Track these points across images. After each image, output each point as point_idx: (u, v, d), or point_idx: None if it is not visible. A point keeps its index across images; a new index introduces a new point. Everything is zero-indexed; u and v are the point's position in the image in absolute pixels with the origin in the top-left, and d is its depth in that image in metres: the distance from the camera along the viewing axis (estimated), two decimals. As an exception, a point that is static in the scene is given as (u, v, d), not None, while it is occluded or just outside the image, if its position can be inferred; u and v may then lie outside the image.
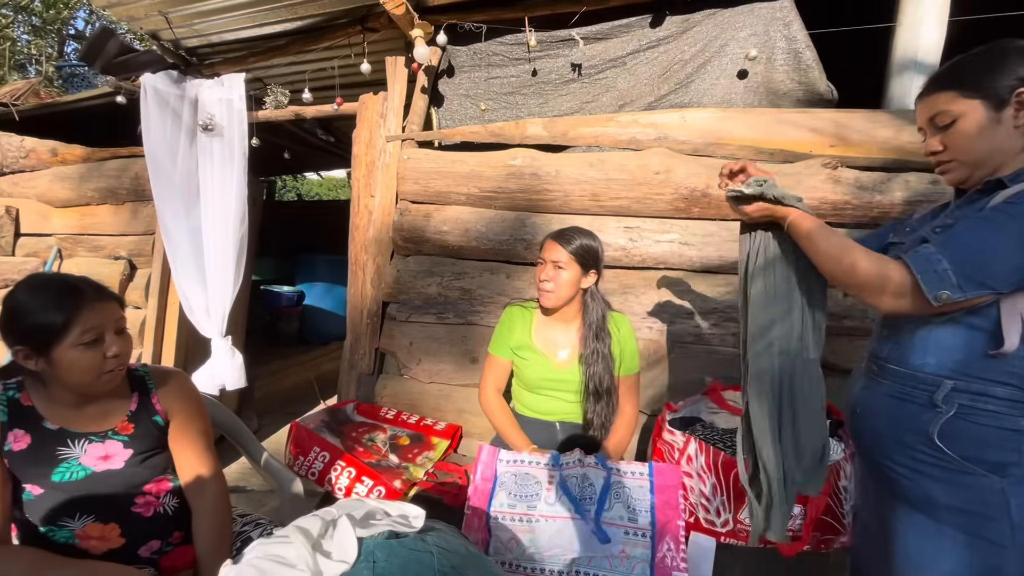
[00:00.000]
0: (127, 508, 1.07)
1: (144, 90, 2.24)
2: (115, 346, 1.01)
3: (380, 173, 2.11)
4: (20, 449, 0.98)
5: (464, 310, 1.97)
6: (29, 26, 9.93)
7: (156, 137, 2.29)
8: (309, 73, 2.33)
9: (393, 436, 1.85)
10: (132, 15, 2.04)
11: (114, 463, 1.05)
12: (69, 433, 1.02)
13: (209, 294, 2.39)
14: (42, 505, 1.00)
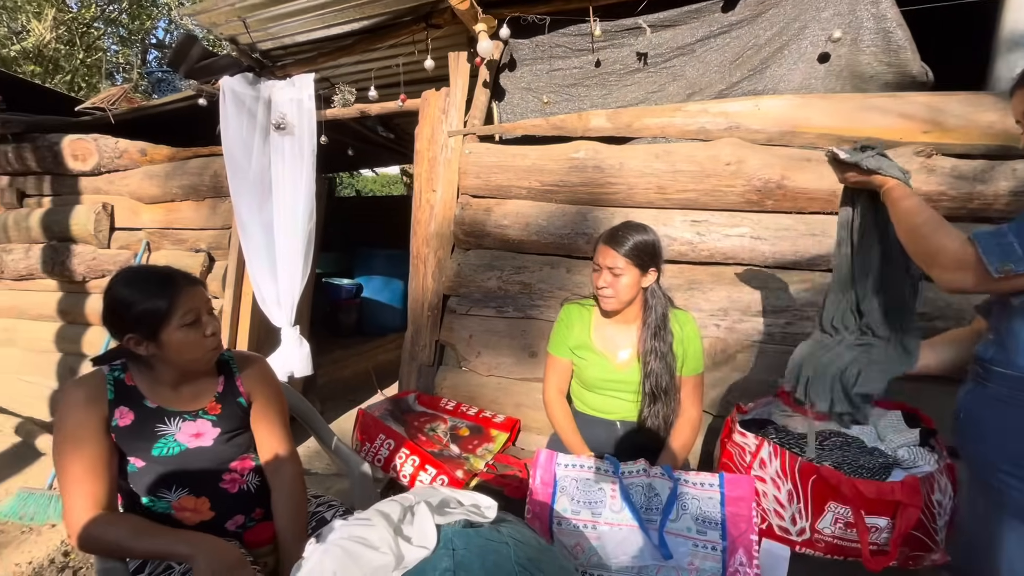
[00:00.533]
0: (216, 483, 1.14)
1: (223, 92, 2.38)
2: (211, 325, 1.10)
3: (442, 168, 2.14)
4: (125, 425, 1.06)
5: (524, 304, 1.97)
6: (117, 37, 10.75)
7: (233, 136, 2.42)
8: (375, 71, 2.40)
9: (453, 427, 1.88)
10: (214, 21, 2.17)
11: (204, 440, 1.13)
12: (166, 411, 1.10)
13: (280, 285, 2.51)
14: (143, 477, 1.09)
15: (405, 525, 0.78)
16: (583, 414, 1.55)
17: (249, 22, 2.15)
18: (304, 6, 2.02)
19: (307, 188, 2.41)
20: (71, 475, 1.01)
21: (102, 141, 2.85)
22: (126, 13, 10.12)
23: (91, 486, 1.01)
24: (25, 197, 3.19)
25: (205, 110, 2.49)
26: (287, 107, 2.37)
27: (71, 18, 8.79)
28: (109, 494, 1.04)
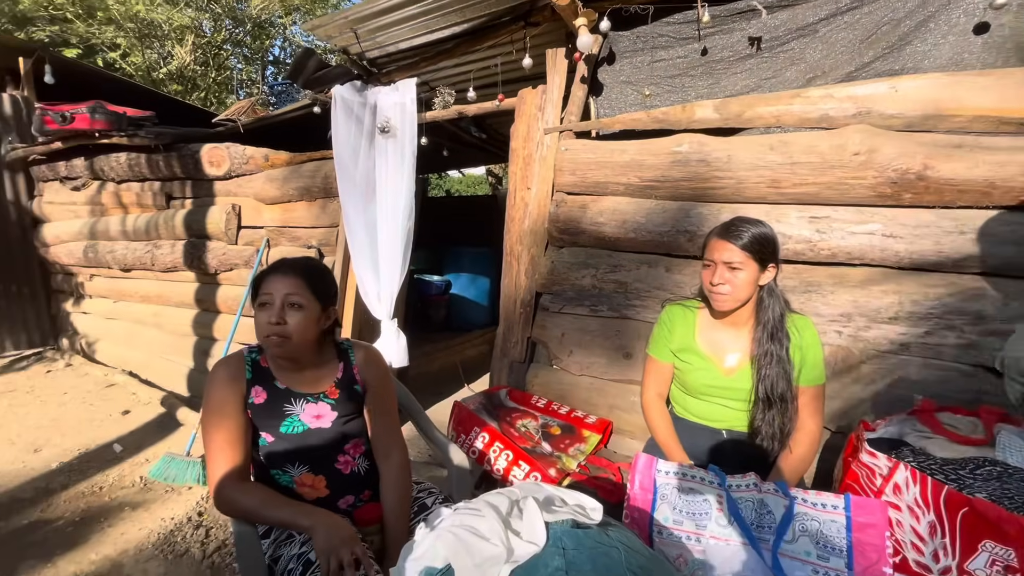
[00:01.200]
0: (332, 464, 1.22)
1: (334, 100, 2.56)
2: (275, 315, 1.14)
3: (537, 165, 2.15)
4: (259, 403, 1.18)
5: (619, 303, 1.92)
6: (242, 56, 11.99)
7: (342, 141, 2.60)
8: (473, 73, 2.46)
9: (545, 425, 1.87)
10: (330, 34, 2.34)
11: (324, 422, 1.21)
12: (293, 393, 1.20)
13: (381, 280, 2.66)
14: (272, 451, 1.19)
15: (514, 519, 0.78)
16: (684, 420, 1.48)
17: (359, 32, 2.29)
18: (409, 13, 2.11)
19: (407, 188, 2.52)
20: (214, 444, 1.14)
21: (233, 149, 3.18)
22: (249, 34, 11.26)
23: (230, 455, 1.13)
24: (172, 199, 3.65)
25: (319, 117, 2.69)
26: (391, 111, 2.50)
27: (206, 42, 9.94)
28: (245, 463, 1.16)
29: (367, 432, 1.29)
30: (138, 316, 4.02)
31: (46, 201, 4.41)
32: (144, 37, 8.73)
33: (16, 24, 7.83)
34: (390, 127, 2.48)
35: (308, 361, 1.23)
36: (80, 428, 3.16)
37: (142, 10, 8.08)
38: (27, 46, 4.34)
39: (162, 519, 2.26)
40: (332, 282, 1.29)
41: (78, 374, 4.14)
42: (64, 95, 4.03)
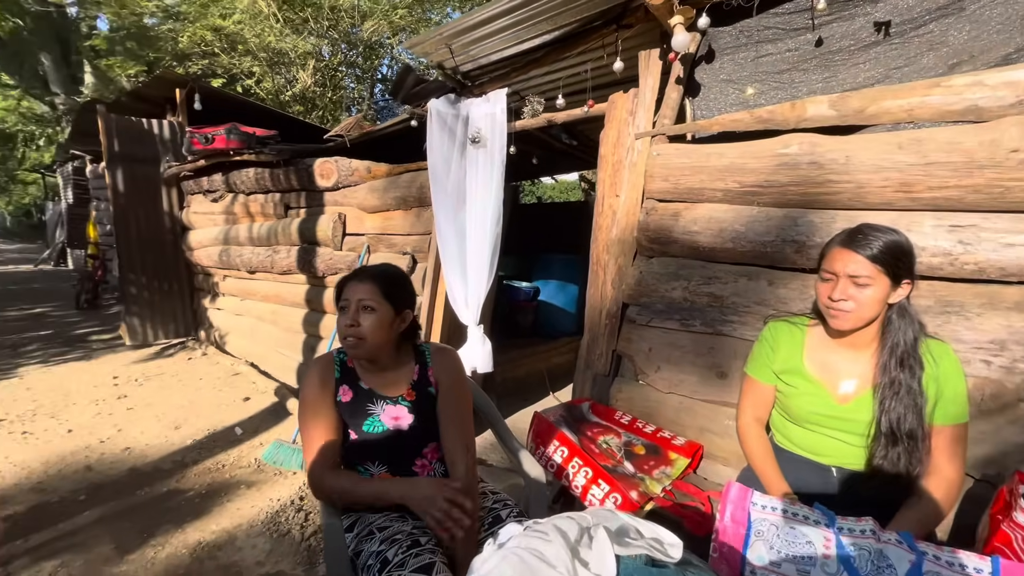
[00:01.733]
0: (409, 466, 1.26)
1: (429, 113, 2.67)
2: (350, 317, 1.21)
3: (627, 172, 2.07)
4: (346, 400, 1.24)
5: (713, 318, 1.78)
6: (354, 76, 13.03)
7: (436, 152, 2.70)
8: (563, 80, 2.44)
9: (628, 443, 1.79)
10: (426, 51, 2.44)
11: (402, 424, 1.25)
12: (375, 394, 1.26)
13: (468, 286, 2.72)
14: (355, 448, 1.26)
15: (582, 547, 0.74)
16: (786, 451, 1.33)
17: (454, 47, 2.37)
18: (501, 25, 2.14)
19: (496, 196, 2.56)
20: (309, 435, 1.22)
21: (340, 162, 3.45)
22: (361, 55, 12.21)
23: (323, 445, 1.21)
24: (289, 209, 4.04)
25: (416, 130, 2.82)
26: (482, 122, 2.56)
27: (324, 65, 10.95)
28: (336, 453, 1.23)
29: None
30: (259, 313, 4.49)
31: (192, 211, 5.09)
32: (274, 64, 9.81)
33: (177, 60, 9.17)
34: (480, 137, 2.53)
35: (386, 363, 1.28)
36: (210, 410, 3.58)
37: (273, 41, 9.08)
38: (182, 79, 5.06)
39: (270, 499, 2.48)
40: (405, 287, 1.34)
41: (211, 362, 4.71)
42: (208, 119, 4.64)
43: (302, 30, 9.74)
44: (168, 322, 5.35)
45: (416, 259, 3.11)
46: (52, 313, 6.98)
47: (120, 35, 9.43)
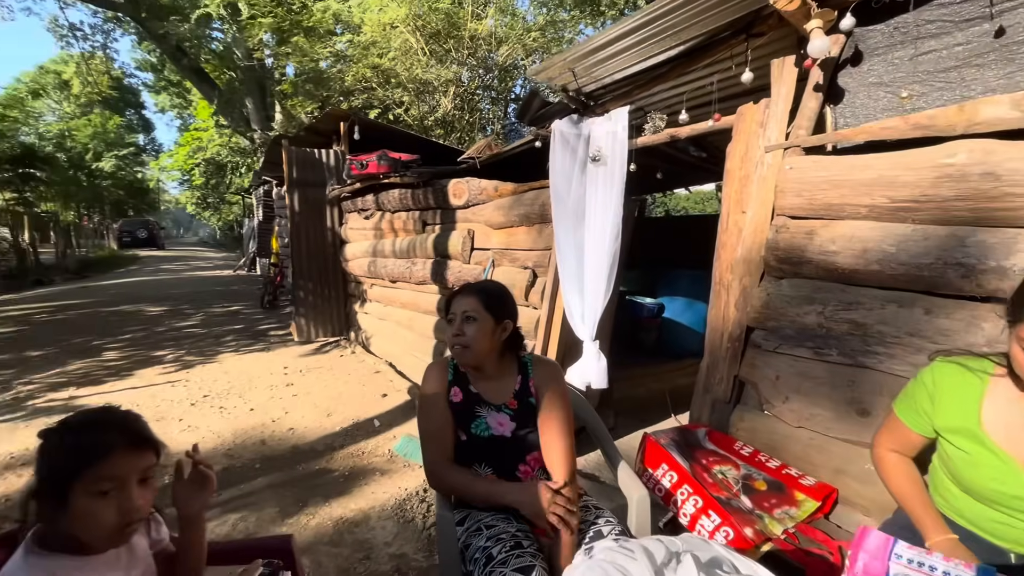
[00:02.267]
0: (513, 470, 1.34)
1: (553, 134, 2.78)
2: (456, 327, 1.36)
3: (755, 187, 1.96)
4: (456, 401, 1.37)
5: (854, 348, 1.60)
6: (489, 98, 13.84)
7: (558, 170, 2.80)
8: (687, 94, 2.38)
9: (747, 476, 1.67)
10: (551, 76, 2.56)
11: (505, 431, 1.34)
12: (481, 399, 1.37)
13: (585, 302, 2.75)
14: (464, 448, 1.37)
15: (668, 570, 0.74)
16: (951, 523, 1.11)
17: (577, 70, 2.45)
18: (624, 45, 2.17)
19: (615, 212, 2.57)
20: (426, 432, 1.37)
21: (471, 182, 3.72)
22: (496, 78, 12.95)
23: (439, 441, 1.35)
24: (426, 225, 4.45)
25: (540, 150, 2.95)
26: (603, 140, 2.59)
27: (463, 91, 11.83)
28: (450, 448, 1.36)
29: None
30: (398, 319, 4.99)
31: (348, 227, 5.85)
32: (420, 93, 10.85)
33: (343, 96, 10.61)
34: (601, 155, 2.57)
35: (491, 371, 1.38)
36: (355, 403, 4.07)
37: (420, 73, 10.07)
38: (345, 114, 5.86)
39: (399, 488, 2.75)
40: (505, 300, 1.43)
41: (358, 360, 5.34)
42: (364, 147, 5.31)
43: (445, 60, 10.65)
44: (327, 323, 6.19)
45: (536, 273, 3.23)
46: (243, 311, 8.46)
47: (301, 79, 11.19)
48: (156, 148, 34.69)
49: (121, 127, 30.34)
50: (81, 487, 0.79)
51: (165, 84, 23.30)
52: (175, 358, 5.39)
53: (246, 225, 17.49)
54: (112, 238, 26.65)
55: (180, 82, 21.26)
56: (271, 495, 2.71)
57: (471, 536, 1.30)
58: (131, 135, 31.95)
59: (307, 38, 10.33)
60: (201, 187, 24.62)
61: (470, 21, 10.22)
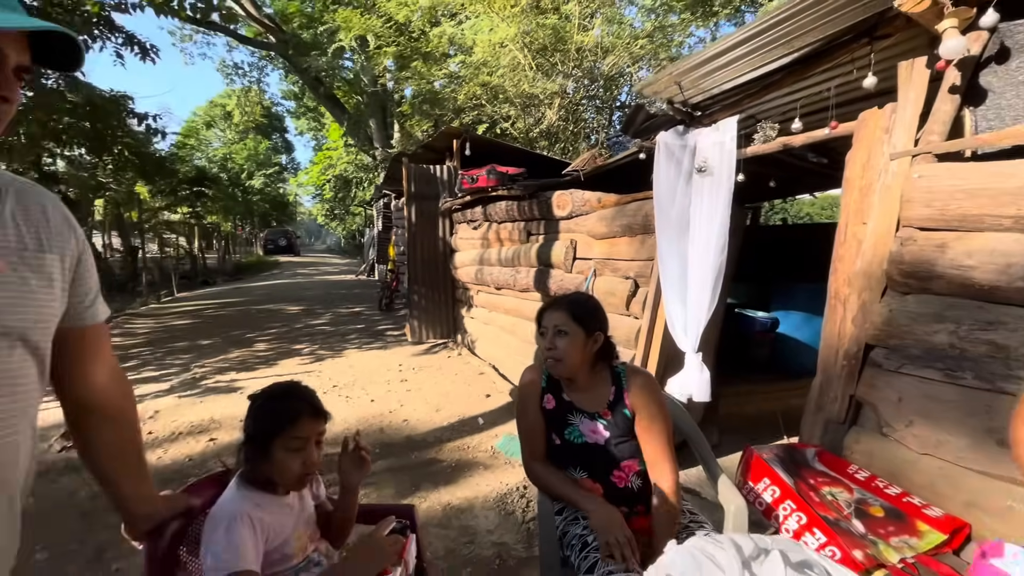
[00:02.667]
0: (607, 476, 1.42)
1: (657, 146, 2.81)
2: (548, 341, 1.42)
3: (877, 197, 1.85)
4: (549, 408, 1.48)
5: (993, 372, 1.46)
6: (593, 107, 13.86)
7: (662, 182, 2.82)
8: (801, 100, 2.30)
9: (861, 500, 1.59)
10: (656, 90, 2.61)
11: (598, 439, 1.42)
12: (575, 407, 1.46)
13: (688, 313, 2.74)
14: (558, 451, 1.48)
15: (755, 563, 0.80)
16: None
17: (683, 83, 2.47)
18: (732, 57, 2.17)
19: (721, 223, 2.54)
20: (522, 432, 1.51)
21: (575, 194, 3.85)
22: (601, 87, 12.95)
23: (534, 441, 1.47)
24: (530, 235, 4.65)
25: (643, 162, 2.99)
26: (709, 151, 2.58)
27: (568, 101, 12.01)
28: (542, 447, 1.48)
29: (641, 453, 1.42)
30: (502, 324, 5.24)
31: (458, 237, 6.26)
32: (526, 107, 11.22)
33: (454, 114, 11.31)
34: (707, 166, 2.56)
35: (583, 381, 1.46)
36: (461, 401, 4.36)
37: (527, 87, 10.43)
38: (457, 131, 6.30)
39: (500, 482, 2.93)
40: (595, 312, 1.48)
41: (463, 362, 5.68)
42: (475, 162, 5.67)
43: (551, 73, 10.92)
44: (436, 325, 6.65)
45: (638, 284, 3.26)
46: (364, 312, 9.34)
47: (418, 100, 12.13)
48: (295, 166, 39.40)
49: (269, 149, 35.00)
50: (280, 443, 1.04)
51: (304, 110, 26.42)
52: (310, 351, 6.14)
53: (367, 234, 19.19)
54: (259, 245, 30.75)
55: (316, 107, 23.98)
56: (389, 477, 3.03)
57: (568, 524, 1.41)
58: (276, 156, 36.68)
59: (424, 63, 11.18)
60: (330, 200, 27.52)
61: (576, 34, 10.39)
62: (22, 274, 0.75)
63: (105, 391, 0.97)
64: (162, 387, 4.69)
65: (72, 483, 2.93)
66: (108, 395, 0.97)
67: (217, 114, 32.70)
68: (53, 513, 2.66)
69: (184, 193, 16.08)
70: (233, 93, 27.90)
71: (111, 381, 0.98)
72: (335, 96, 16.26)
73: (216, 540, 0.97)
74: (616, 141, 4.40)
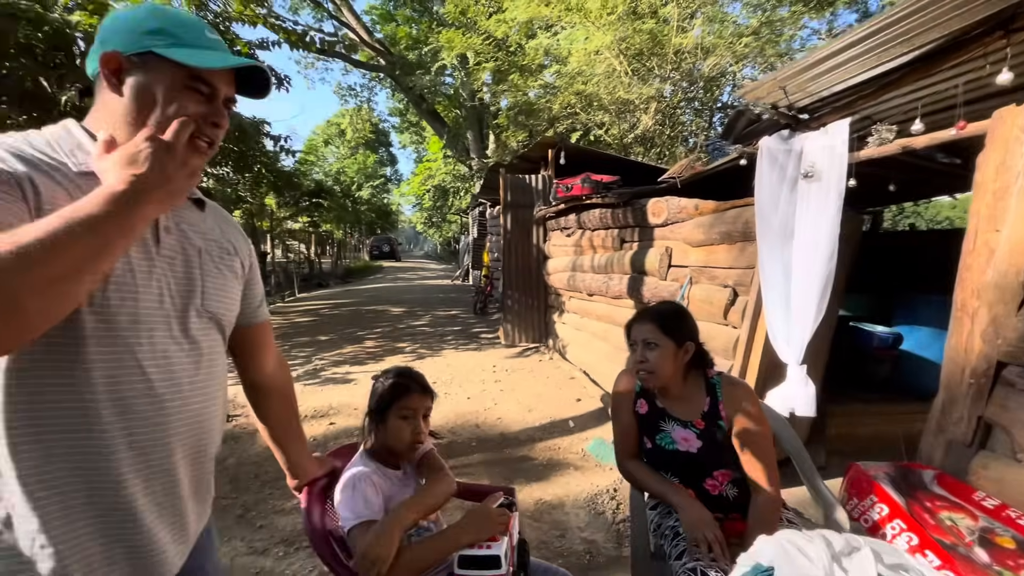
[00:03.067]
0: (700, 482, 1.46)
1: (760, 151, 2.74)
2: (638, 354, 1.46)
3: (1014, 201, 1.70)
4: (642, 413, 1.55)
5: None
6: (692, 110, 13.38)
7: (764, 188, 2.74)
8: (924, 99, 2.15)
9: (987, 529, 1.47)
10: (758, 96, 2.56)
11: (691, 447, 1.46)
12: (667, 414, 1.51)
13: (791, 323, 2.64)
14: (651, 455, 1.54)
15: (844, 558, 0.83)
16: None
17: (788, 88, 2.41)
18: (842, 59, 2.09)
19: (829, 231, 2.43)
20: (616, 432, 1.59)
21: (671, 201, 3.83)
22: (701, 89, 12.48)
23: (627, 441, 1.55)
24: (624, 243, 4.68)
25: (743, 168, 2.93)
26: (817, 156, 2.48)
27: (665, 105, 11.73)
28: (634, 447, 1.55)
29: (736, 462, 1.43)
30: (594, 330, 5.29)
31: (551, 244, 6.41)
32: (621, 113, 11.15)
33: (549, 124, 11.53)
34: (814, 171, 2.46)
35: (676, 391, 1.49)
36: (552, 403, 4.49)
37: (622, 93, 10.37)
38: (552, 141, 6.47)
39: (591, 483, 3.01)
40: (684, 322, 1.47)
41: (554, 366, 5.80)
42: (569, 171, 5.80)
43: (647, 77, 10.76)
44: (529, 330, 6.85)
45: (737, 292, 3.18)
46: (460, 315, 9.82)
47: (513, 112, 12.53)
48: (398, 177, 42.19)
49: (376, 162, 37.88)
50: (394, 411, 1.24)
51: (407, 125, 28.27)
52: (412, 350, 6.62)
53: (462, 241, 20.05)
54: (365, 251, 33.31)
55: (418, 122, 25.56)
56: (484, 470, 3.23)
57: (662, 517, 1.48)
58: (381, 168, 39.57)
59: (520, 75, 11.54)
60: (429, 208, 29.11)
61: (674, 36, 10.14)
62: (222, 270, 0.93)
63: (273, 375, 1.19)
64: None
65: (225, 450, 3.48)
66: (275, 378, 1.20)
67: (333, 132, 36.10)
68: (212, 474, 3.18)
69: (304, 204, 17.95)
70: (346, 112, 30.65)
71: (277, 367, 1.20)
72: (436, 111, 17.27)
73: (346, 496, 1.18)
74: (714, 146, 4.30)
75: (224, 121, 0.84)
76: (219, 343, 0.94)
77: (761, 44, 10.56)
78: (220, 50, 0.84)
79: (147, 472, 0.79)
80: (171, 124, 0.73)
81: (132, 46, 0.77)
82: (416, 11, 17.92)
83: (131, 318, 0.76)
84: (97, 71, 0.78)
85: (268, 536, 2.52)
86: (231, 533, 2.57)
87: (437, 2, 16.38)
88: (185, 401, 0.84)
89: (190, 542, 0.90)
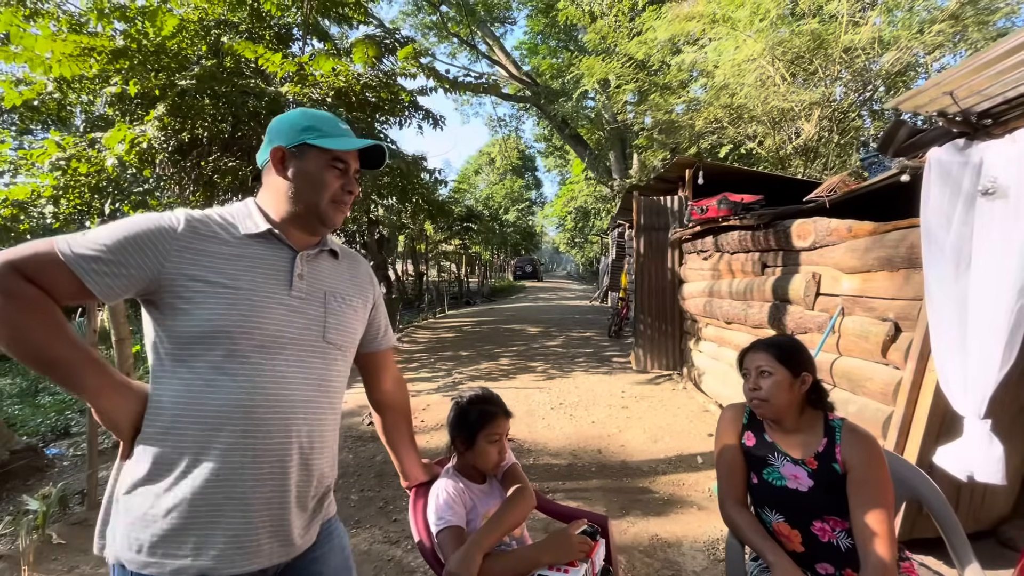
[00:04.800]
0: (807, 525, 1.34)
1: (928, 164, 2.37)
2: (752, 382, 1.41)
3: None
4: (749, 445, 1.47)
5: None
6: (870, 112, 11.68)
7: (933, 206, 2.35)
8: None
9: None
10: (918, 104, 2.23)
11: (800, 486, 1.35)
12: (777, 448, 1.41)
13: (969, 369, 2.20)
14: (757, 490, 1.45)
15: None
16: None
17: (958, 92, 2.07)
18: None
19: (1019, 258, 2.00)
20: (720, 470, 1.52)
21: (819, 223, 3.45)
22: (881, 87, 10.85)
23: (731, 480, 1.48)
24: (765, 267, 4.30)
25: (905, 185, 2.55)
26: (1001, 168, 2.07)
27: (833, 110, 10.44)
28: (739, 488, 1.47)
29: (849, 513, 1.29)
30: (731, 361, 4.91)
31: (687, 267, 6.13)
32: (776, 123, 10.21)
33: (691, 141, 11.05)
34: (996, 187, 2.06)
35: (790, 425, 1.39)
36: (680, 436, 4.27)
37: (778, 102, 9.52)
38: (691, 160, 6.22)
39: (714, 527, 2.82)
40: (799, 353, 1.42)
41: (687, 397, 5.49)
42: (707, 190, 5.53)
43: (809, 82, 9.73)
44: (662, 356, 6.59)
45: (899, 327, 2.74)
46: (594, 337, 9.79)
47: (654, 131, 12.26)
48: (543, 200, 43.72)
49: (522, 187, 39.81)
50: (482, 437, 1.37)
51: (552, 149, 29.29)
52: (543, 370, 6.81)
53: (601, 262, 19.96)
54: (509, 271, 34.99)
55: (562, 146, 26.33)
56: (601, 496, 3.22)
57: (762, 571, 1.38)
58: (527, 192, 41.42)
59: (661, 94, 11.29)
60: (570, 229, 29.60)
61: (843, 33, 9.03)
62: (344, 309, 1.13)
63: (391, 393, 1.40)
64: (432, 386, 5.89)
65: (373, 449, 3.99)
66: (392, 396, 1.41)
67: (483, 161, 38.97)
68: (361, 469, 3.67)
69: (457, 228, 19.62)
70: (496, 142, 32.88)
71: (394, 386, 1.41)
72: (578, 135, 17.66)
73: (435, 503, 1.34)
74: (871, 161, 3.79)
75: (356, 188, 1.10)
76: (338, 371, 1.11)
77: (961, 28, 8.87)
78: (350, 136, 1.11)
79: (257, 473, 0.96)
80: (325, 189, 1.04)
81: (292, 141, 1.04)
82: (561, 42, 18.67)
83: (262, 343, 0.97)
84: (266, 161, 1.07)
85: (400, 529, 2.85)
86: (372, 522, 2.95)
87: (582, 31, 16.88)
88: (297, 418, 1.00)
89: (292, 544, 1.02)
